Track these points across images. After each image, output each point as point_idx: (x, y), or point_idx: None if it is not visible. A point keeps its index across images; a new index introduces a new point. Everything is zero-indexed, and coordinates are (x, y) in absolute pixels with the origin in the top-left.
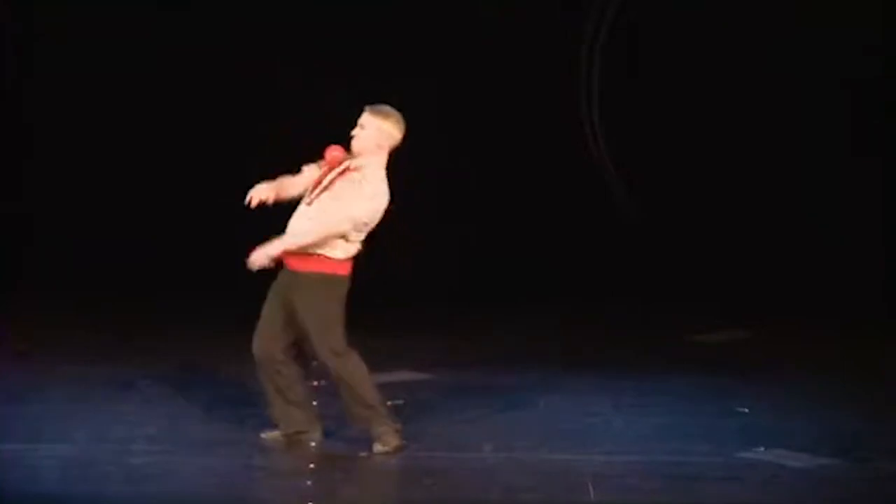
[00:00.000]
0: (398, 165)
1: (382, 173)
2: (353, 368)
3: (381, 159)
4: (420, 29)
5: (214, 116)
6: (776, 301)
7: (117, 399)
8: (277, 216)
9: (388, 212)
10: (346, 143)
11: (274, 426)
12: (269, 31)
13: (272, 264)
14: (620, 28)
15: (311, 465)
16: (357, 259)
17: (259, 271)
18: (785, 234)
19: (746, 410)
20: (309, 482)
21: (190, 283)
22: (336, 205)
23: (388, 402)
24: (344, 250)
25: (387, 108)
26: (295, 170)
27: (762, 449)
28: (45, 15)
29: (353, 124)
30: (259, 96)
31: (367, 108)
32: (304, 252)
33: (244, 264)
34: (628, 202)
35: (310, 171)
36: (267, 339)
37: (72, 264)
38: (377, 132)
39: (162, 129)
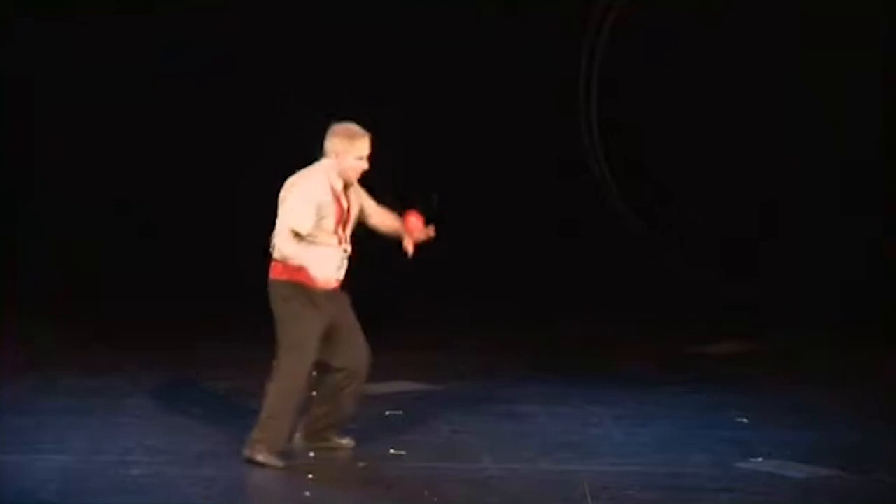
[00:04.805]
0: (393, 175)
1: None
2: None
3: (324, 171)
4: (420, 38)
5: (216, 126)
6: (776, 312)
7: (116, 410)
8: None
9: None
10: None
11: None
12: (272, 43)
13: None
14: (620, 31)
15: (310, 476)
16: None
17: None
18: (784, 245)
19: (745, 421)
20: (307, 493)
21: (189, 294)
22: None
23: (387, 413)
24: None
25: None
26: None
27: (761, 460)
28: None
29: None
30: (260, 107)
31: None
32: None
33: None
34: (626, 211)
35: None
36: None
37: (71, 273)
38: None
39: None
